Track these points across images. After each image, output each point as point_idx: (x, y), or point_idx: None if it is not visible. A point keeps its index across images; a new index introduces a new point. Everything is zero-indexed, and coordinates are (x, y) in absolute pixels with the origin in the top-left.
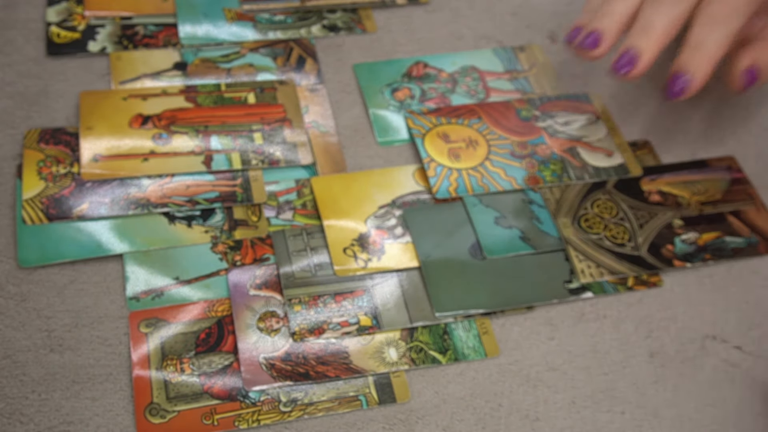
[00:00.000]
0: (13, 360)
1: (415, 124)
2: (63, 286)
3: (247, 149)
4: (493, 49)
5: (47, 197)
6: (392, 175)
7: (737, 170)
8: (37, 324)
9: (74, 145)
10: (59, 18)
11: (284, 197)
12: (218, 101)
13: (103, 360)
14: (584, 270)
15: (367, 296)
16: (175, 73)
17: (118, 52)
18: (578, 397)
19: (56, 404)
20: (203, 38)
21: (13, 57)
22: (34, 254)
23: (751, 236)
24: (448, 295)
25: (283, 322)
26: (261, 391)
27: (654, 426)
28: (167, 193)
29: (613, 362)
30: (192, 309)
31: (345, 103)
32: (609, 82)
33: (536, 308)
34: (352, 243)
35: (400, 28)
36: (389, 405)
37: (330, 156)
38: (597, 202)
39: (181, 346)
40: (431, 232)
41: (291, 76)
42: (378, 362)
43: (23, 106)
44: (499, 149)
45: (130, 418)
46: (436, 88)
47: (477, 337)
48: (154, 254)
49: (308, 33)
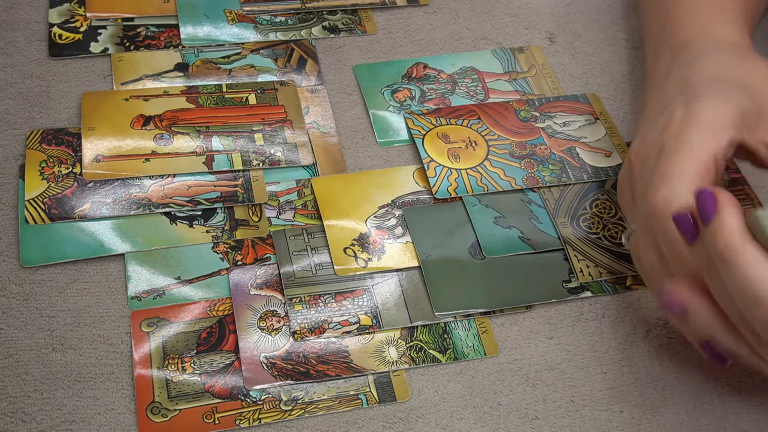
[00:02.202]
0: (15, 359)
1: (415, 124)
2: (65, 286)
3: (248, 150)
4: (492, 51)
5: (49, 197)
6: (392, 175)
7: (735, 170)
8: (40, 323)
9: (76, 146)
10: (61, 19)
11: (285, 197)
12: (219, 102)
13: (104, 359)
14: (583, 269)
15: (368, 296)
16: (176, 74)
17: (120, 53)
18: (577, 396)
19: (58, 403)
20: (204, 39)
21: (16, 58)
22: (37, 254)
23: None
24: (447, 294)
25: (283, 321)
26: (262, 389)
27: (652, 424)
28: (169, 193)
29: (611, 361)
30: (193, 308)
31: (345, 104)
32: (607, 83)
33: (535, 307)
34: (353, 243)
35: (400, 30)
36: (389, 404)
37: (330, 156)
38: (596, 202)
39: (182, 346)
40: (431, 232)
41: (292, 77)
42: (378, 361)
43: (25, 106)
44: (498, 150)
45: (131, 417)
46: (436, 89)
47: (476, 336)
48: (155, 254)
49: (309, 34)
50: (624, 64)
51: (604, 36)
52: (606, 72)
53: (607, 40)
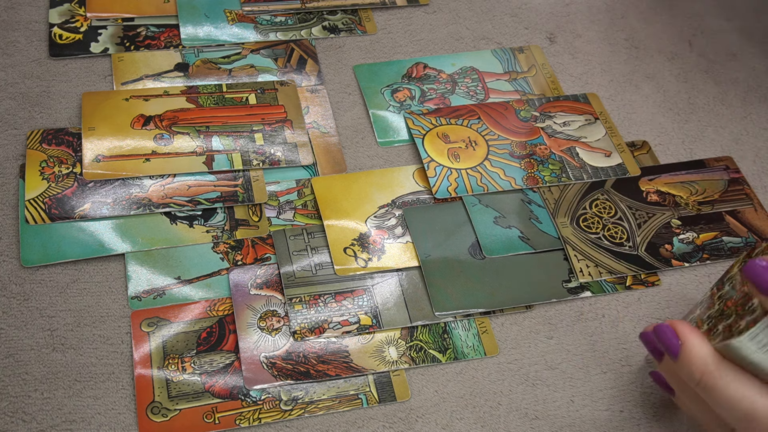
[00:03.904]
0: (15, 359)
1: (415, 124)
2: (65, 286)
3: (248, 150)
4: (492, 50)
5: (50, 197)
6: (392, 175)
7: (735, 170)
8: (40, 323)
9: (76, 146)
10: (62, 19)
11: (285, 197)
12: (219, 102)
13: (105, 359)
14: (583, 269)
15: (368, 295)
16: (176, 74)
17: (120, 53)
18: (577, 396)
19: (58, 403)
20: (204, 39)
21: (16, 58)
22: (37, 254)
23: (749, 236)
24: (447, 294)
25: (283, 321)
26: (262, 389)
27: (652, 424)
28: (169, 193)
29: (611, 361)
30: (193, 308)
31: (345, 104)
32: (607, 82)
33: (535, 307)
34: (353, 243)
35: (400, 30)
36: (389, 403)
37: (330, 156)
38: (595, 202)
39: (182, 345)
40: (431, 232)
41: (292, 77)
42: (378, 361)
43: (26, 106)
44: (498, 149)
45: (132, 417)
46: (436, 88)
47: (476, 336)
48: (155, 254)
49: (309, 34)
50: (624, 64)
51: (604, 36)
52: (606, 72)
53: (607, 40)
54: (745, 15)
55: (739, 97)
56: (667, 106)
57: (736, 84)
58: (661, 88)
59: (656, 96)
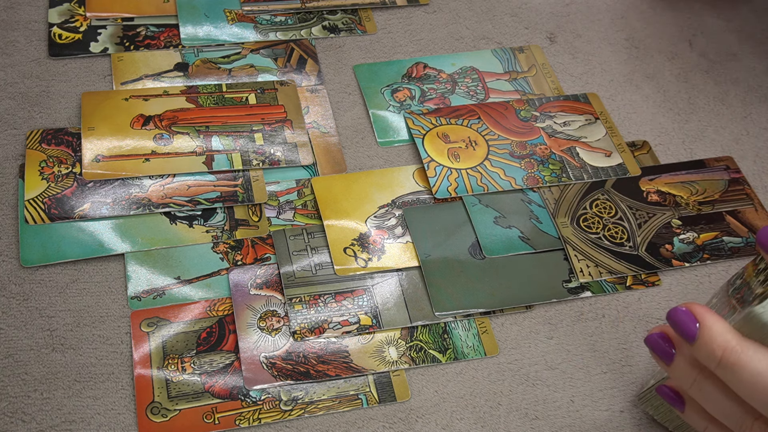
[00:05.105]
0: (15, 359)
1: (415, 124)
2: (65, 286)
3: (248, 149)
4: (492, 50)
5: (49, 197)
6: (392, 175)
7: (735, 170)
8: (39, 323)
9: (76, 146)
10: (61, 19)
11: (285, 197)
12: (219, 102)
13: (104, 359)
14: (583, 269)
15: (368, 295)
16: (176, 74)
17: (120, 52)
18: (577, 396)
19: (58, 403)
20: (204, 39)
21: (15, 58)
22: (36, 254)
23: (749, 236)
24: (447, 294)
25: (283, 321)
26: (262, 389)
27: (652, 424)
28: (168, 193)
29: (611, 361)
30: (193, 308)
31: (345, 104)
32: (607, 82)
33: (535, 307)
34: (353, 243)
35: (400, 29)
36: (389, 404)
37: (330, 156)
38: (596, 202)
39: (182, 345)
40: (431, 232)
41: (292, 76)
42: (378, 361)
43: (25, 106)
44: (498, 149)
45: (131, 417)
46: (436, 88)
47: (476, 336)
48: (155, 254)
49: (309, 34)
50: (624, 64)
51: (604, 36)
52: (606, 72)
53: (607, 40)
54: (745, 15)
55: (739, 97)
56: (667, 106)
57: (736, 84)
58: (661, 88)
59: (656, 96)
